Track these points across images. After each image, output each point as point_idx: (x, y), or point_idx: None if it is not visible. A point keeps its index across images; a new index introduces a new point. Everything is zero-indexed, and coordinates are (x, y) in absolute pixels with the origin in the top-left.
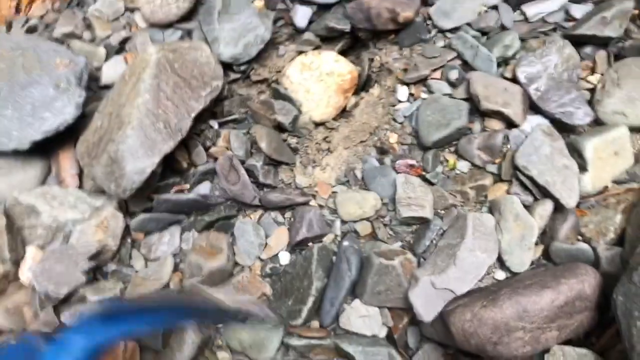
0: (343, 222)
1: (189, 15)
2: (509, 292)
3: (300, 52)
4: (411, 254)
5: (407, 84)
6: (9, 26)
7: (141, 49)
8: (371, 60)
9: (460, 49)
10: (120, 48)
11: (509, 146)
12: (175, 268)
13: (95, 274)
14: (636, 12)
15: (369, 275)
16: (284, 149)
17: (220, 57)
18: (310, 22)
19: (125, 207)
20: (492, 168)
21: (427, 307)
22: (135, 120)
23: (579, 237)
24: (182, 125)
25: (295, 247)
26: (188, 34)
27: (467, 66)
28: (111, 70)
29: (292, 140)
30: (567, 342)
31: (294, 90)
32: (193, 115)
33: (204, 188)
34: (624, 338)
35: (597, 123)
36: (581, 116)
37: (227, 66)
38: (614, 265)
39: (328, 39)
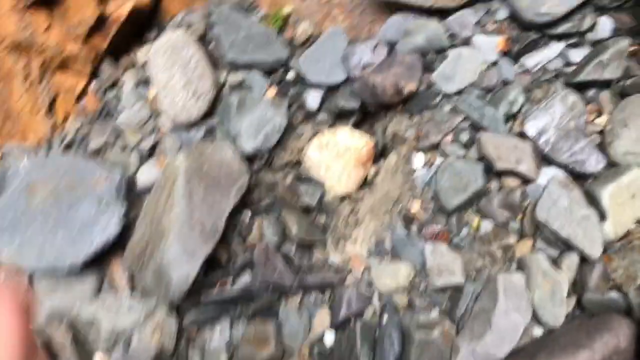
0: (380, 294)
1: (209, 112)
2: (545, 355)
3: (316, 132)
4: (449, 321)
5: (422, 150)
6: (49, 146)
7: (170, 152)
8: (384, 130)
9: (466, 111)
10: (151, 152)
11: (528, 201)
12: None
13: None
14: (632, 48)
15: (412, 349)
16: (314, 229)
17: (244, 151)
18: (322, 102)
19: (176, 306)
20: (515, 225)
21: None
22: (174, 230)
23: (611, 283)
24: (217, 226)
25: (339, 326)
26: (210, 130)
27: (476, 127)
28: (145, 176)
29: (321, 219)
30: None
31: (316, 170)
32: (226, 214)
33: (245, 278)
34: None
35: (611, 165)
36: (593, 163)
37: (251, 157)
38: None
39: (341, 115)
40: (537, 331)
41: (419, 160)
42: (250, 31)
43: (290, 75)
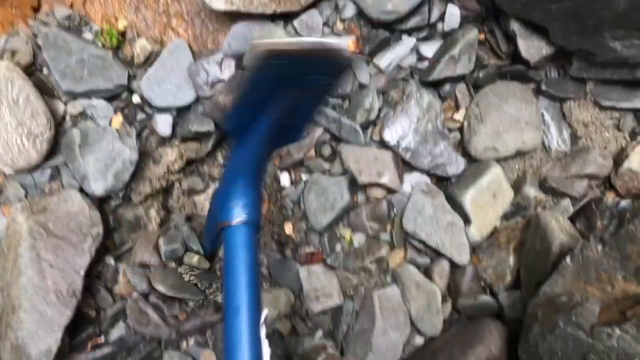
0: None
1: (52, 151)
2: None
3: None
4: (332, 344)
5: (286, 169)
6: None
7: (14, 200)
8: None
9: (324, 123)
10: None
11: (394, 212)
12: None
13: None
14: (481, 36)
15: None
16: (183, 281)
17: (94, 194)
18: (175, 125)
19: None
20: (386, 236)
21: None
22: (25, 303)
23: (482, 284)
24: (74, 287)
25: None
26: (57, 170)
27: (337, 138)
28: None
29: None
30: None
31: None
32: (82, 273)
33: (119, 330)
34: None
35: (473, 160)
36: (454, 167)
37: (105, 198)
38: (516, 311)
39: (197, 139)
40: (419, 340)
41: (285, 179)
42: (83, 54)
43: (136, 99)
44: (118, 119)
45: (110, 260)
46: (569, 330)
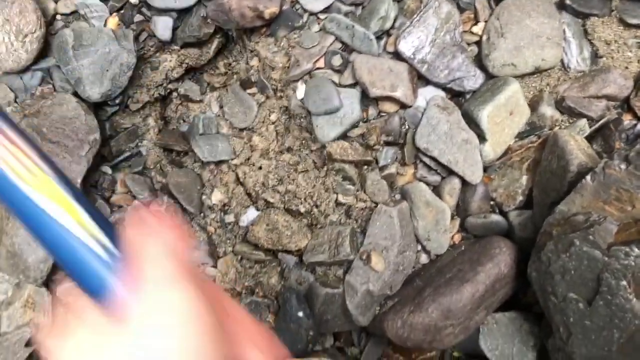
0: None
1: (43, 52)
2: (431, 293)
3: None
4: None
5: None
6: None
7: (4, 103)
8: (247, 60)
9: (335, 31)
10: None
11: (406, 126)
12: None
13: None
14: None
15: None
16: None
17: (90, 99)
18: (175, 29)
19: (44, 281)
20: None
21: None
22: None
23: (492, 203)
24: None
25: None
26: (49, 73)
27: (348, 48)
28: None
29: None
30: (496, 309)
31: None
32: (79, 180)
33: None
34: (544, 309)
35: (490, 77)
36: (472, 81)
37: (101, 104)
38: (527, 230)
39: (200, 44)
40: (424, 258)
41: (300, 91)
42: None
43: None
44: (114, 20)
45: (107, 170)
46: (585, 248)
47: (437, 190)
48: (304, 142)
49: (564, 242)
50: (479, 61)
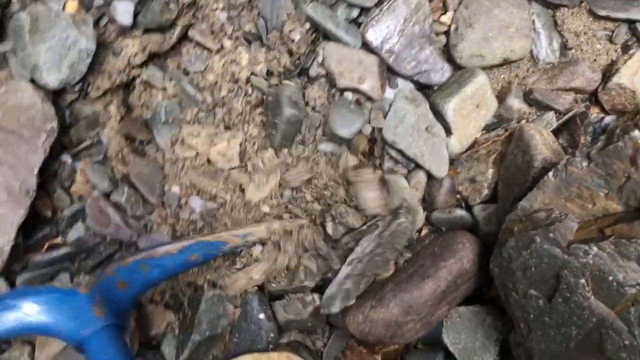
0: None
1: None
2: (393, 288)
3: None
4: None
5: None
6: None
7: None
8: None
9: (311, 13)
10: None
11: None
12: None
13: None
14: None
15: None
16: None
17: (47, 86)
18: (137, 13)
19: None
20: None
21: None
22: None
23: (458, 197)
24: (27, 186)
25: None
26: (4, 58)
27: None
28: None
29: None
30: (460, 303)
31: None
32: (36, 171)
33: (77, 231)
34: (505, 305)
35: (458, 67)
36: (439, 74)
37: (60, 92)
38: (491, 225)
39: (162, 29)
40: None
41: None
42: None
43: None
44: (72, 4)
45: (67, 159)
46: (545, 246)
47: None
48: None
49: (524, 239)
50: (447, 52)
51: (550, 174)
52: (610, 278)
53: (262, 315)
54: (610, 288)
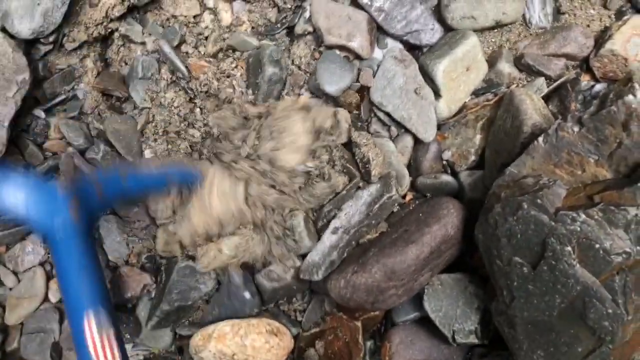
0: None
1: None
2: (376, 253)
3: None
4: None
5: None
6: None
7: None
8: None
9: None
10: None
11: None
12: (49, 277)
13: None
14: None
15: None
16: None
17: (19, 35)
18: None
19: None
20: None
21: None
22: None
23: (444, 163)
24: None
25: None
26: None
27: None
28: None
29: None
30: (442, 271)
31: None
32: (6, 123)
33: None
34: (489, 272)
35: (448, 29)
36: (429, 35)
37: (32, 42)
38: (477, 191)
39: None
40: None
41: None
42: None
43: None
44: None
45: (40, 113)
46: (532, 212)
47: None
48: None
49: (511, 205)
50: (438, 12)
51: (540, 139)
52: (597, 246)
53: (247, 294)
54: (597, 256)
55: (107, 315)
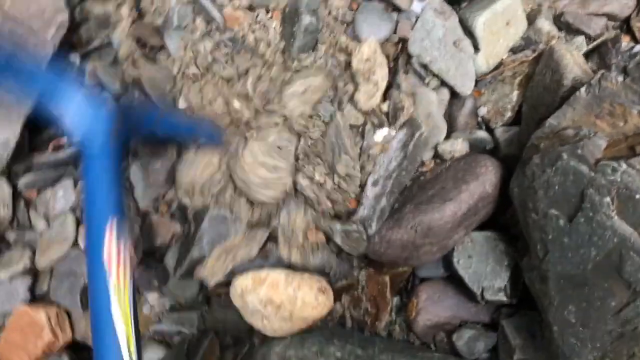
0: None
1: None
2: (412, 210)
3: None
4: None
5: None
6: None
7: None
8: None
9: None
10: None
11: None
12: (79, 222)
13: None
14: None
15: None
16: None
17: None
18: None
19: (5, 171)
20: None
21: None
22: None
23: (479, 119)
24: None
25: None
26: None
27: None
28: None
29: None
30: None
31: None
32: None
33: None
34: (523, 227)
35: None
36: None
37: None
38: (512, 147)
39: None
40: None
41: None
42: None
43: None
44: None
45: (76, 59)
46: (572, 163)
47: None
48: None
49: (550, 156)
50: None
51: (583, 89)
52: (637, 196)
53: None
54: (636, 207)
55: (127, 227)
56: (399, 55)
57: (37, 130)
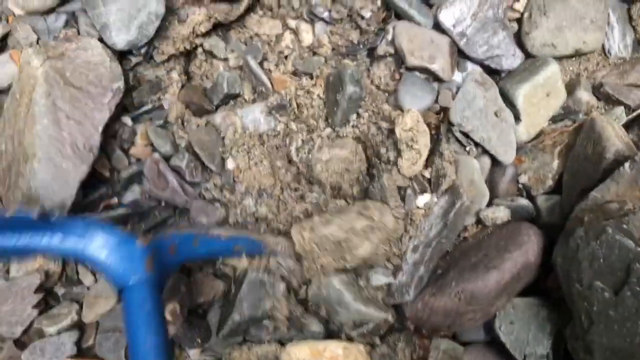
0: None
1: None
2: (455, 277)
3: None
4: None
5: None
6: None
7: (25, 44)
8: None
9: None
10: (2, 45)
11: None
12: None
13: (47, 300)
14: None
15: None
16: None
17: (115, 46)
18: None
19: None
20: None
21: None
22: (39, 152)
23: (520, 186)
24: (91, 143)
25: None
26: (74, 17)
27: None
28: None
29: None
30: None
31: None
32: (100, 128)
33: (133, 193)
34: (566, 296)
35: (528, 56)
36: (511, 60)
37: (125, 53)
38: (554, 216)
39: None
40: None
41: None
42: None
43: None
44: None
45: (128, 121)
46: (617, 237)
47: None
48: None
49: (595, 229)
50: (518, 39)
51: (627, 164)
52: None
53: None
54: None
55: None
56: (441, 123)
57: (89, 190)
